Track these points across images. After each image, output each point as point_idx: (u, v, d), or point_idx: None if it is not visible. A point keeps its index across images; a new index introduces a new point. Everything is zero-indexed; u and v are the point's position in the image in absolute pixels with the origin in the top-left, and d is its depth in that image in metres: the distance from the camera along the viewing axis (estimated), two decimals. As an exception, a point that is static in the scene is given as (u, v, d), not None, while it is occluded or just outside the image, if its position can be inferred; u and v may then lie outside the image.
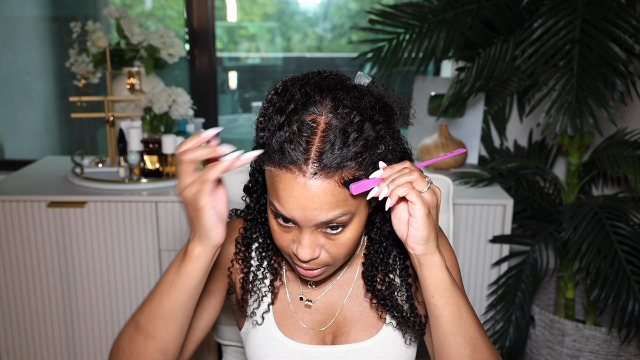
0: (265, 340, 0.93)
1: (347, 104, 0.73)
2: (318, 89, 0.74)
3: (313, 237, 0.77)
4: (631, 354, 1.87)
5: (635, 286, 1.65)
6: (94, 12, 2.69)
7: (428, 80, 2.21)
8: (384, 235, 0.87)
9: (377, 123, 0.74)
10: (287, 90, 0.75)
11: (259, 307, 0.93)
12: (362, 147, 0.72)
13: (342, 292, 0.93)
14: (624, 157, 1.80)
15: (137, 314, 0.78)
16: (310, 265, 0.80)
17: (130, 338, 0.78)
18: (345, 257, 0.81)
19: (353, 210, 0.75)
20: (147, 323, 0.77)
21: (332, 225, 0.75)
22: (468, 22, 1.87)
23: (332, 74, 0.79)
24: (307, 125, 0.71)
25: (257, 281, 0.93)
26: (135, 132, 1.90)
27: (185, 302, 0.77)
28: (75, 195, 1.76)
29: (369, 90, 0.78)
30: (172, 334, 0.77)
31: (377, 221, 0.86)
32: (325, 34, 2.83)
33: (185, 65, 2.45)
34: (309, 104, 0.73)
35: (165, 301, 0.76)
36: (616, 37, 1.57)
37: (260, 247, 0.94)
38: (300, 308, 0.94)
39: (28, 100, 2.70)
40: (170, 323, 0.77)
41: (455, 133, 2.14)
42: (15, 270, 1.80)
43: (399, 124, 0.82)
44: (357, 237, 0.79)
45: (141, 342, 0.77)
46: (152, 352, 0.77)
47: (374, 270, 0.88)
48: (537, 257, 1.86)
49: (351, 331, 0.92)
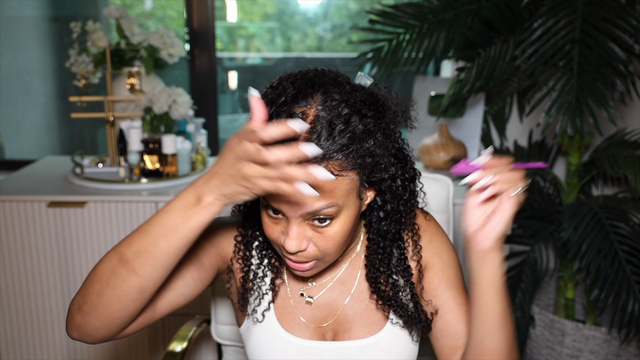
0: (266, 336, 0.93)
1: (337, 97, 0.74)
2: (310, 84, 0.75)
3: (300, 229, 0.77)
4: (631, 354, 1.87)
5: (635, 286, 1.65)
6: (94, 12, 2.70)
7: (428, 80, 2.21)
8: (381, 234, 0.87)
9: (365, 117, 0.74)
10: (281, 84, 0.76)
11: (259, 305, 0.93)
12: (349, 140, 0.72)
13: (343, 290, 0.93)
14: (624, 157, 1.80)
15: (124, 248, 0.75)
16: (299, 258, 0.80)
17: (112, 269, 0.75)
18: (336, 252, 0.81)
19: (340, 204, 0.75)
20: (135, 259, 0.74)
21: (319, 217, 0.76)
22: (468, 22, 1.87)
23: (329, 71, 0.80)
24: (295, 117, 0.72)
25: (257, 279, 0.94)
26: (135, 132, 1.90)
27: (182, 248, 0.74)
28: (75, 195, 1.76)
29: (364, 87, 0.79)
30: (157, 274, 0.75)
31: (374, 220, 0.87)
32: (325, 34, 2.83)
33: (185, 65, 2.45)
34: (299, 98, 0.74)
35: (162, 243, 0.73)
36: (616, 37, 1.57)
37: (260, 245, 0.94)
38: (301, 304, 0.94)
39: (28, 100, 2.70)
40: (159, 264, 0.74)
41: (455, 133, 2.14)
42: (15, 270, 1.80)
43: (397, 123, 0.82)
44: (346, 231, 0.79)
45: (122, 275, 0.74)
46: (130, 287, 0.75)
47: (376, 272, 0.88)
48: (537, 257, 1.86)
49: (353, 328, 0.92)
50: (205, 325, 1.41)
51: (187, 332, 1.34)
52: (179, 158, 1.93)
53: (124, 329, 0.81)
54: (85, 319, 0.77)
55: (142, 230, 0.75)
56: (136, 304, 0.76)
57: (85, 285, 0.77)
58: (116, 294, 0.75)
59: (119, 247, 0.76)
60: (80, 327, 0.78)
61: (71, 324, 0.79)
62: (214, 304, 1.31)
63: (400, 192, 0.85)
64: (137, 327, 0.83)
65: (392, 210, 0.85)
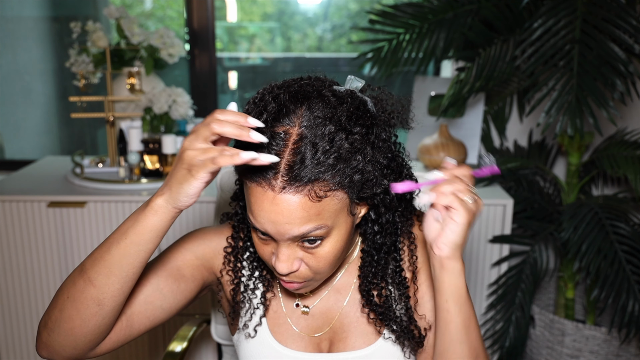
0: (259, 349, 0.90)
1: (320, 114, 0.70)
2: (293, 98, 0.72)
3: (290, 251, 0.75)
4: (631, 354, 1.87)
5: (635, 286, 1.65)
6: (94, 12, 2.70)
7: (428, 80, 2.21)
8: (375, 248, 0.84)
9: (351, 133, 0.71)
10: (263, 99, 0.73)
11: (251, 319, 0.91)
12: (335, 160, 0.69)
13: (339, 298, 0.91)
14: (624, 157, 1.80)
15: (86, 260, 0.75)
16: (290, 278, 0.78)
17: (73, 280, 0.75)
18: (329, 271, 0.79)
19: (329, 224, 0.73)
20: (90, 268, 0.74)
21: (309, 239, 0.74)
22: (468, 22, 1.87)
23: (313, 80, 0.76)
24: (278, 138, 0.69)
25: (248, 292, 0.91)
26: (135, 132, 1.90)
27: (133, 255, 0.73)
28: (75, 195, 1.76)
29: (352, 96, 0.75)
30: (112, 285, 0.74)
31: (369, 232, 0.83)
32: (325, 34, 2.83)
33: (185, 65, 2.45)
34: (281, 115, 0.70)
35: (114, 249, 0.72)
36: (616, 37, 1.57)
37: (251, 256, 0.92)
38: (295, 314, 0.91)
39: (28, 100, 2.70)
40: (112, 273, 0.73)
41: (455, 133, 2.14)
42: (15, 270, 1.80)
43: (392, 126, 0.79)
44: (339, 250, 0.76)
45: (80, 286, 0.74)
46: (87, 299, 0.74)
47: (369, 284, 0.85)
48: (537, 257, 1.86)
49: (349, 338, 0.89)
50: (205, 325, 1.41)
51: (187, 332, 1.34)
52: (179, 158, 1.93)
53: (95, 347, 0.79)
54: (50, 336, 0.76)
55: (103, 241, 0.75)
56: (96, 319, 0.75)
57: (52, 301, 0.77)
58: (75, 307, 0.74)
59: (84, 260, 0.76)
60: (47, 345, 0.77)
61: (39, 341, 0.78)
62: (214, 304, 1.31)
63: (395, 203, 0.81)
64: (112, 345, 0.81)
65: (387, 223, 0.82)
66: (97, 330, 0.76)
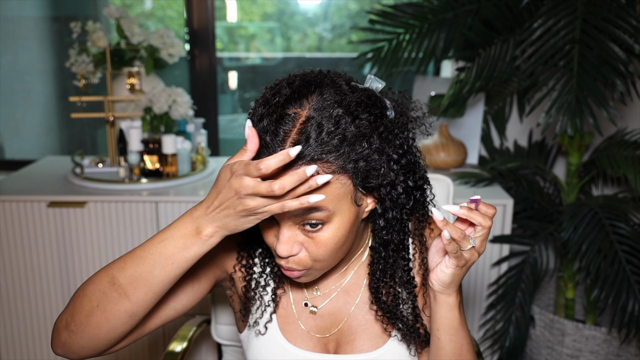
0: (268, 346, 0.91)
1: (329, 98, 0.72)
2: (307, 84, 0.73)
3: (291, 233, 0.76)
4: (631, 354, 1.87)
5: (635, 286, 1.65)
6: (94, 12, 2.70)
7: (428, 80, 2.21)
8: (382, 244, 0.84)
9: (358, 119, 0.72)
10: (278, 84, 0.75)
11: (261, 317, 0.92)
12: (339, 142, 0.70)
13: (348, 299, 0.91)
14: (624, 157, 1.80)
15: (116, 271, 0.75)
16: (290, 264, 0.78)
17: (103, 291, 0.75)
18: (328, 259, 0.79)
19: (331, 208, 0.73)
20: (128, 284, 0.74)
21: (310, 222, 0.74)
22: (468, 22, 1.87)
23: (331, 72, 0.78)
24: (287, 117, 0.71)
25: (259, 288, 0.92)
26: (135, 132, 1.90)
27: (177, 277, 0.75)
28: (75, 195, 1.76)
29: (367, 89, 0.76)
30: (149, 300, 0.75)
31: (376, 229, 0.83)
32: (325, 34, 2.83)
33: (185, 65, 2.45)
34: (293, 99, 0.72)
35: (158, 271, 0.73)
36: (616, 37, 1.57)
37: (263, 252, 0.92)
38: (304, 313, 0.92)
39: (28, 100, 2.70)
40: (152, 291, 0.75)
41: (455, 133, 2.14)
42: (15, 270, 1.80)
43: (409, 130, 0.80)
44: (339, 238, 0.76)
45: (114, 298, 0.74)
46: (120, 311, 0.75)
47: (378, 281, 0.86)
48: (537, 257, 1.86)
49: (356, 340, 0.90)
50: (205, 325, 1.41)
51: (187, 332, 1.34)
52: (179, 158, 1.93)
53: (110, 348, 0.80)
54: (71, 337, 0.77)
55: (137, 256, 0.75)
56: (125, 327, 0.76)
57: (75, 303, 0.77)
58: (105, 316, 0.75)
59: (111, 269, 0.76)
60: (66, 345, 0.78)
61: (57, 340, 0.78)
62: (214, 304, 1.31)
63: (403, 200, 0.80)
64: (125, 344, 0.82)
65: (393, 219, 0.81)
66: (122, 336, 0.78)
